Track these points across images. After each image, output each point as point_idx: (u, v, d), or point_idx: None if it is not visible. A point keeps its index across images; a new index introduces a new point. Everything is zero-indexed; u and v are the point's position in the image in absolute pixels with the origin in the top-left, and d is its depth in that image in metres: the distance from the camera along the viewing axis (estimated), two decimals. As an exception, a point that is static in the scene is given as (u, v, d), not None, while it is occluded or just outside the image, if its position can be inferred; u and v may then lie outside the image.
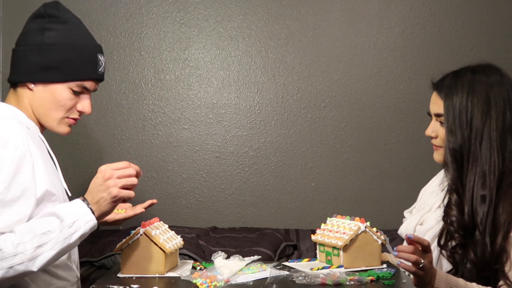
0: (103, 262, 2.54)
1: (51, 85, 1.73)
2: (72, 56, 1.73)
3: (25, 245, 1.50)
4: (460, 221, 1.68)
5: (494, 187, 1.65)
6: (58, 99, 1.73)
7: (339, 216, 1.89)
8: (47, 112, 1.74)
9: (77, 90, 1.75)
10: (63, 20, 1.75)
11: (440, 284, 1.56)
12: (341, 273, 1.65)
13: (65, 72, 1.72)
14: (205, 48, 3.18)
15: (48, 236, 1.52)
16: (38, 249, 1.51)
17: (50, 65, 1.71)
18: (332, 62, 3.17)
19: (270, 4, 3.17)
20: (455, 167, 1.70)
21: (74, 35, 1.75)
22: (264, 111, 3.18)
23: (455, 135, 1.70)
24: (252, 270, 1.75)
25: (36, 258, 1.52)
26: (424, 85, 3.18)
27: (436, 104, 1.79)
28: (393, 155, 3.17)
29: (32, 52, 1.73)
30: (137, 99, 3.17)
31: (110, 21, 3.16)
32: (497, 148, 1.66)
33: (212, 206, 3.18)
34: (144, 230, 1.71)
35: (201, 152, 3.18)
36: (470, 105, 1.69)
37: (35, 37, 1.73)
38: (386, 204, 3.17)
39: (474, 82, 1.72)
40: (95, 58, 1.77)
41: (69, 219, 1.54)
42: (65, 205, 1.59)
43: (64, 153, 3.13)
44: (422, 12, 3.17)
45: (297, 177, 3.17)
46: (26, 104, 1.75)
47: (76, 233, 1.55)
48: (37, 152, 1.66)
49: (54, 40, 1.72)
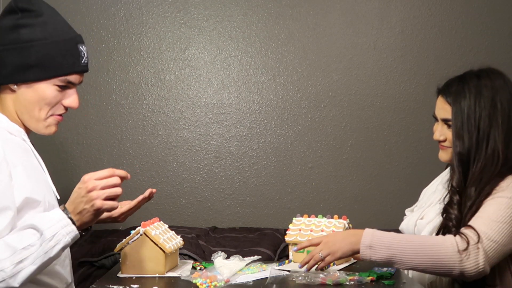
0: (103, 262, 2.54)
1: (34, 84, 1.64)
2: (52, 51, 1.63)
3: (5, 262, 1.46)
4: (459, 217, 1.75)
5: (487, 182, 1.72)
6: (43, 97, 1.64)
7: (306, 215, 1.93)
8: (32, 113, 1.66)
9: (62, 85, 1.66)
10: (37, 14, 1.65)
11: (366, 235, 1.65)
12: (341, 273, 1.66)
13: (47, 69, 1.63)
14: (205, 48, 3.18)
15: (28, 250, 1.47)
16: (19, 265, 1.46)
17: (30, 63, 1.62)
18: (332, 62, 3.17)
19: (270, 4, 3.17)
20: (461, 170, 1.77)
21: (51, 29, 1.65)
22: (264, 111, 3.18)
23: (462, 139, 1.76)
24: (252, 270, 1.75)
25: (17, 275, 1.47)
26: (424, 85, 3.18)
27: (443, 109, 1.83)
28: (393, 155, 3.17)
29: (9, 51, 1.62)
30: (137, 99, 3.17)
31: (110, 21, 3.16)
32: (502, 149, 1.73)
33: (212, 206, 3.18)
34: (144, 230, 1.71)
35: (201, 152, 3.18)
36: (478, 109, 1.75)
37: (9, 35, 1.63)
38: (386, 204, 3.17)
39: (480, 87, 1.77)
40: (76, 50, 1.67)
41: (48, 232, 1.48)
42: (44, 216, 1.52)
43: (64, 153, 3.13)
44: (422, 12, 3.17)
45: (297, 177, 3.17)
46: (9, 106, 1.67)
47: (57, 246, 1.49)
48: (15, 159, 1.59)
49: (31, 37, 1.62)
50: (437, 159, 1.94)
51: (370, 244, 1.63)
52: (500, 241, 1.63)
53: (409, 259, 1.63)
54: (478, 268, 1.61)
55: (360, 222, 3.10)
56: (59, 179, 2.02)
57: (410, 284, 1.66)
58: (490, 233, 1.63)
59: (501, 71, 1.83)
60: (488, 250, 1.62)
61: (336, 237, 1.67)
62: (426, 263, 1.62)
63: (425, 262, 1.62)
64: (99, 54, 3.15)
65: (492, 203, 1.69)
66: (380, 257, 1.64)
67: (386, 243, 1.64)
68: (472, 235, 1.63)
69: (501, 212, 1.66)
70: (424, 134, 3.07)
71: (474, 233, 1.63)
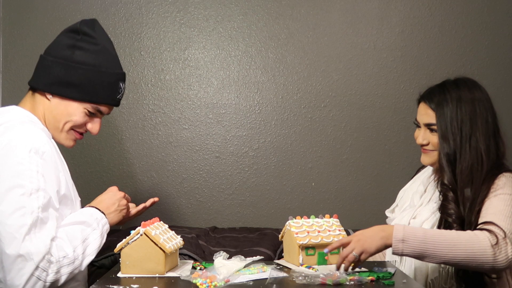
0: (103, 262, 2.54)
1: (67, 101, 1.79)
2: (95, 79, 1.78)
3: (77, 250, 1.70)
4: (457, 213, 1.86)
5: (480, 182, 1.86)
6: (70, 114, 1.80)
7: (298, 217, 1.95)
8: (58, 124, 1.82)
9: (91, 111, 1.82)
10: (95, 42, 1.79)
11: (398, 231, 1.71)
12: (341, 273, 1.66)
13: (84, 92, 1.78)
14: (205, 48, 3.18)
15: (86, 242, 1.73)
16: (83, 254, 1.73)
17: (72, 82, 1.77)
18: (332, 62, 3.17)
19: (270, 4, 3.17)
20: (450, 169, 1.90)
21: (102, 59, 1.79)
22: (264, 111, 3.18)
23: (448, 141, 1.91)
24: (251, 271, 1.75)
25: (83, 262, 1.73)
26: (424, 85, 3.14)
27: (427, 114, 1.98)
28: (393, 155, 3.17)
29: (58, 65, 1.77)
30: (137, 99, 3.17)
31: (110, 21, 3.16)
32: (484, 149, 1.88)
33: (212, 206, 3.18)
34: (144, 230, 1.71)
35: (201, 152, 3.18)
36: (459, 114, 1.91)
37: (65, 51, 1.78)
38: (386, 204, 3.15)
39: (460, 95, 1.94)
40: (116, 85, 1.83)
41: (99, 228, 1.78)
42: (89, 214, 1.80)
43: (64, 153, 3.12)
44: (422, 12, 3.18)
45: (297, 177, 3.18)
46: (40, 111, 1.81)
47: (102, 241, 1.79)
48: (57, 157, 1.79)
49: (82, 59, 1.77)
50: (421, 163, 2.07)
51: (403, 238, 1.69)
52: None
53: (443, 253, 1.70)
54: (508, 260, 1.71)
55: (360, 222, 3.12)
56: (59, 179, 2.02)
57: (410, 284, 1.66)
58: (510, 228, 1.75)
59: (476, 81, 2.00)
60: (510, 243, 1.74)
61: (366, 234, 1.72)
62: (460, 257, 1.70)
63: (459, 256, 1.70)
64: (99, 54, 3.15)
65: (499, 200, 1.80)
66: (413, 251, 1.70)
67: (419, 237, 1.70)
68: (498, 230, 1.73)
69: (510, 208, 1.78)
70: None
71: (499, 228, 1.73)
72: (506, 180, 1.85)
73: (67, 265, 1.67)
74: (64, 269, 1.66)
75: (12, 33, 3.11)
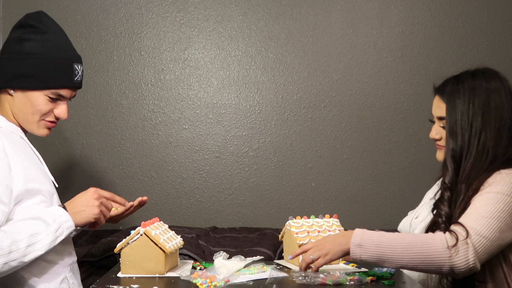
0: (103, 262, 2.54)
1: (28, 92, 1.83)
2: (47, 65, 1.82)
3: (18, 244, 1.65)
4: (449, 216, 1.74)
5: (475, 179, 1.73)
6: (34, 104, 1.83)
7: (298, 217, 1.94)
8: (25, 116, 1.85)
9: (53, 97, 1.85)
10: (41, 31, 1.84)
11: (356, 235, 1.64)
12: (341, 273, 1.66)
13: (40, 80, 1.82)
14: (205, 48, 3.18)
15: (36, 237, 1.68)
16: (29, 248, 1.67)
17: (27, 73, 1.81)
18: (332, 62, 3.17)
19: (270, 4, 3.17)
20: (454, 167, 1.78)
21: (50, 46, 1.84)
22: (264, 111, 3.18)
23: (455, 137, 1.77)
24: (251, 271, 1.75)
25: (27, 255, 1.67)
26: (424, 85, 3.18)
27: (439, 107, 1.85)
28: (393, 155, 3.17)
29: (11, 60, 1.83)
30: (137, 99, 3.17)
31: (110, 21, 3.16)
32: (492, 146, 1.74)
33: (212, 206, 3.18)
34: (144, 230, 1.71)
35: (201, 152, 3.18)
36: (471, 108, 1.76)
37: (14, 46, 1.84)
38: (386, 204, 3.17)
39: (474, 87, 1.79)
40: (70, 68, 1.86)
41: (55, 225, 1.72)
42: (48, 210, 1.75)
43: (64, 153, 3.13)
44: (422, 12, 3.18)
45: (297, 177, 3.17)
46: (6, 107, 1.86)
47: (60, 237, 1.73)
48: (14, 152, 1.76)
49: (31, 50, 1.82)
50: (437, 159, 1.95)
51: (360, 243, 1.62)
52: (490, 236, 1.61)
53: (399, 258, 1.60)
54: (468, 264, 1.58)
55: (360, 222, 3.11)
56: (59, 179, 2.02)
57: (410, 284, 1.66)
58: (479, 229, 1.61)
59: (497, 71, 1.84)
60: (477, 246, 1.59)
61: (326, 240, 1.67)
62: (415, 260, 1.60)
63: (414, 260, 1.60)
64: (99, 54, 3.15)
65: (480, 199, 1.67)
66: (370, 256, 1.61)
67: (375, 241, 1.62)
68: (461, 231, 1.61)
69: (489, 207, 1.64)
70: (424, 134, 3.03)
71: (463, 229, 1.61)
72: (500, 177, 1.70)
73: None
74: None
75: (12, 33, 3.11)
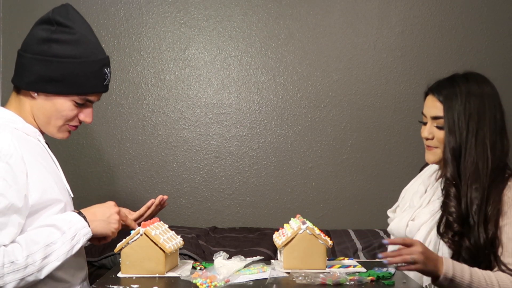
0: (103, 262, 2.54)
1: (53, 96, 1.71)
2: (77, 70, 1.69)
3: (34, 256, 1.56)
4: (458, 211, 1.83)
5: (486, 181, 1.82)
6: (59, 109, 1.72)
7: (298, 215, 1.95)
8: (48, 120, 1.73)
9: (80, 103, 1.73)
10: (71, 31, 1.69)
11: (448, 268, 1.70)
12: (341, 273, 1.66)
13: (69, 85, 1.69)
14: (205, 48, 3.18)
15: (52, 247, 1.60)
16: (45, 260, 1.59)
17: (54, 77, 1.68)
18: (332, 62, 3.17)
19: (270, 4, 3.17)
20: (455, 164, 1.87)
21: (82, 49, 1.69)
22: (264, 111, 3.18)
23: (454, 135, 1.87)
24: (251, 271, 1.75)
25: (43, 268, 1.59)
26: (424, 85, 3.14)
27: (435, 107, 1.94)
28: (393, 155, 3.17)
29: (37, 61, 1.69)
30: (137, 99, 3.17)
31: (110, 21, 3.16)
32: (490, 146, 1.85)
33: (212, 206, 3.18)
34: (144, 230, 1.71)
35: (201, 152, 3.18)
36: (467, 108, 1.87)
37: (41, 45, 1.69)
38: (386, 204, 3.15)
39: (469, 88, 1.90)
40: (101, 72, 1.74)
41: (70, 232, 1.63)
42: (63, 217, 1.66)
43: (64, 153, 3.12)
44: (422, 12, 3.18)
45: (297, 177, 3.17)
46: (27, 109, 1.74)
47: (77, 246, 1.65)
48: (33, 159, 1.65)
49: (60, 53, 1.67)
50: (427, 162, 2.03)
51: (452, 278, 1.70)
52: None
53: None
54: None
55: (360, 222, 3.12)
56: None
57: (410, 284, 1.66)
58: None
59: (485, 77, 1.97)
60: None
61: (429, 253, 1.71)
62: None
63: None
64: (99, 54, 3.15)
65: None
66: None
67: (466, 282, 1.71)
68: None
69: None
70: (424, 134, 3.07)
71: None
72: None
73: (14, 272, 1.54)
74: (9, 276, 1.54)
75: (12, 33, 3.11)
